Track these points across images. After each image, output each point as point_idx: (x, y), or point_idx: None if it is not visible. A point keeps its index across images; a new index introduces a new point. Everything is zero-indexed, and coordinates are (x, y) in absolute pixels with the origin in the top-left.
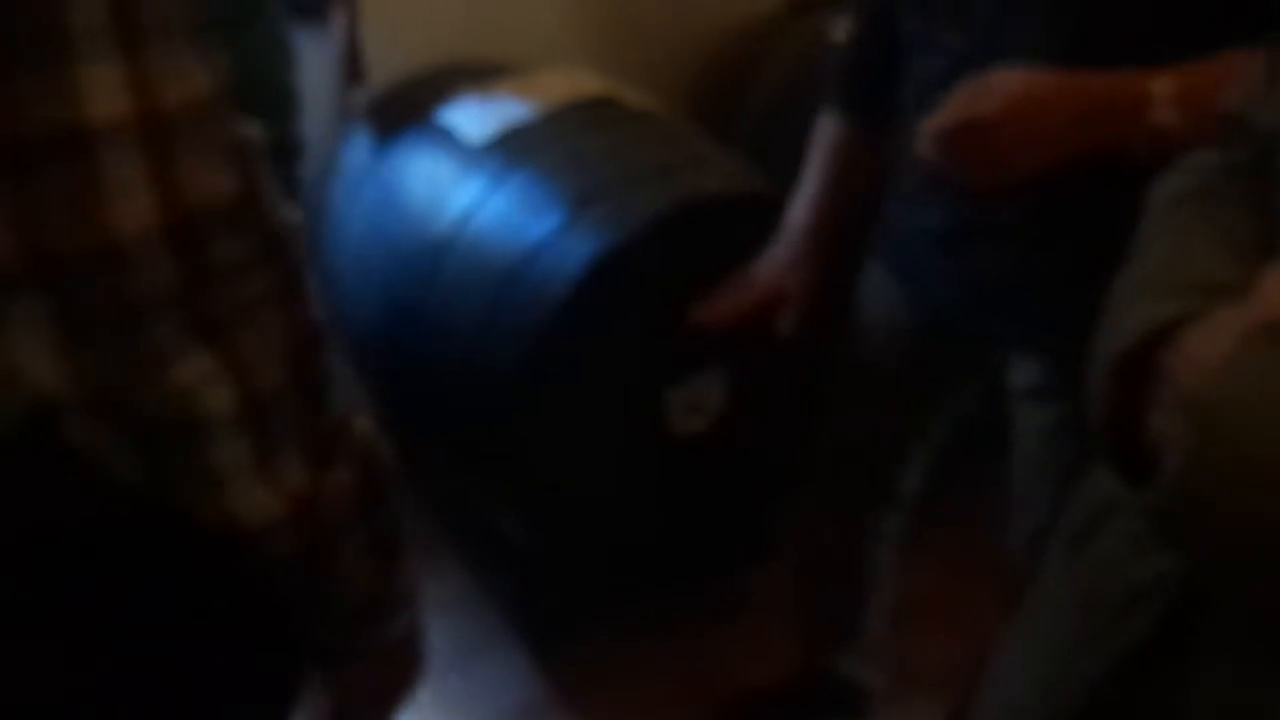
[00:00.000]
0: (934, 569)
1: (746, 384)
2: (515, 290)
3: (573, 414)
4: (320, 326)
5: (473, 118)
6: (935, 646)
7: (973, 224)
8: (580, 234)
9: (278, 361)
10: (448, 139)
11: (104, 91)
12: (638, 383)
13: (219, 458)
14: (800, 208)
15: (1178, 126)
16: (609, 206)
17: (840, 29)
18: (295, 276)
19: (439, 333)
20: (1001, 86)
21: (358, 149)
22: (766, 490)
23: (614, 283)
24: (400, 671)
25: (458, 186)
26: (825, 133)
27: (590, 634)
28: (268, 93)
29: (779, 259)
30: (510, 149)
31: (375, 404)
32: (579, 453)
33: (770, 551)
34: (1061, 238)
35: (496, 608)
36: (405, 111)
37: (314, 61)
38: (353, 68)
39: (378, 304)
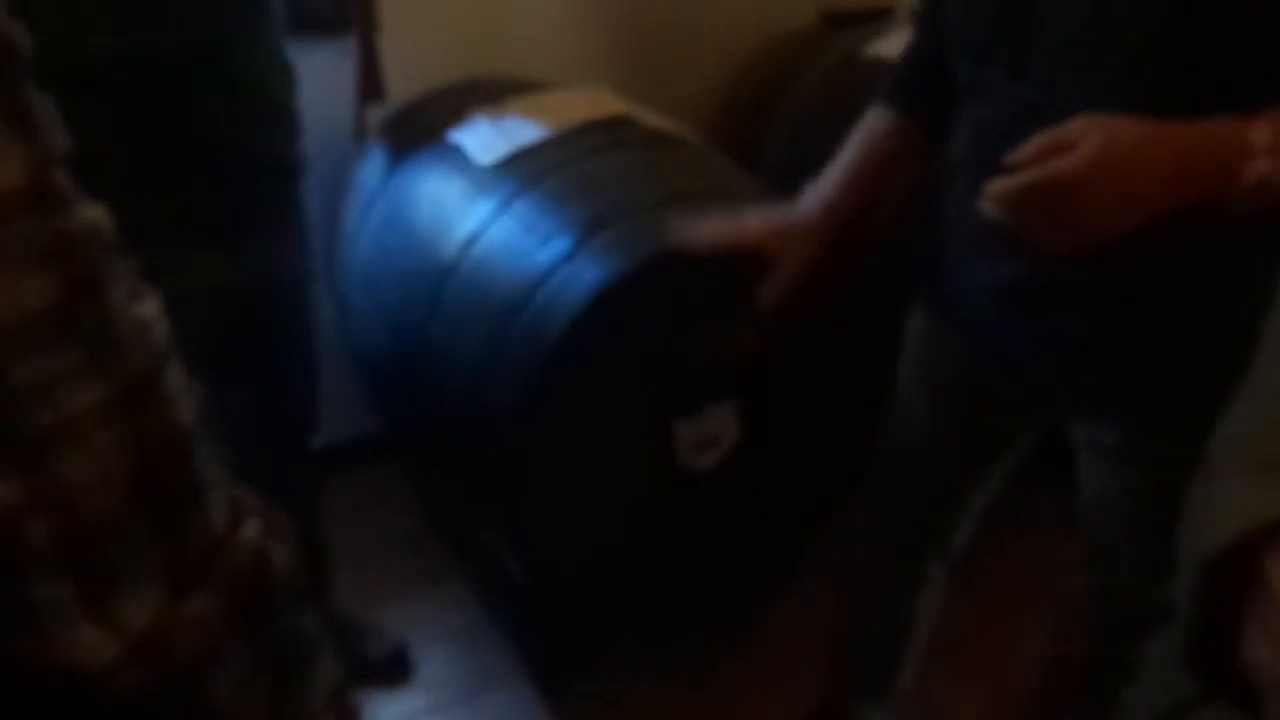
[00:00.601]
0: (969, 608)
1: (760, 415)
2: (518, 319)
3: (577, 449)
4: (183, 434)
5: (483, 138)
6: (963, 688)
7: (1041, 285)
8: (586, 261)
9: (114, 484)
10: (458, 159)
11: None
12: (646, 416)
13: (38, 597)
14: (825, 181)
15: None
16: (617, 233)
17: (876, 45)
18: (143, 383)
19: (442, 360)
20: (1085, 140)
21: (372, 167)
22: (783, 525)
23: (620, 313)
24: None
25: (465, 209)
26: (870, 120)
27: (599, 670)
28: (266, 113)
29: (787, 220)
30: (520, 171)
31: (383, 428)
32: (584, 489)
33: (787, 588)
34: (1137, 296)
35: (506, 640)
36: (419, 130)
37: (333, 77)
38: (371, 85)
39: (383, 328)
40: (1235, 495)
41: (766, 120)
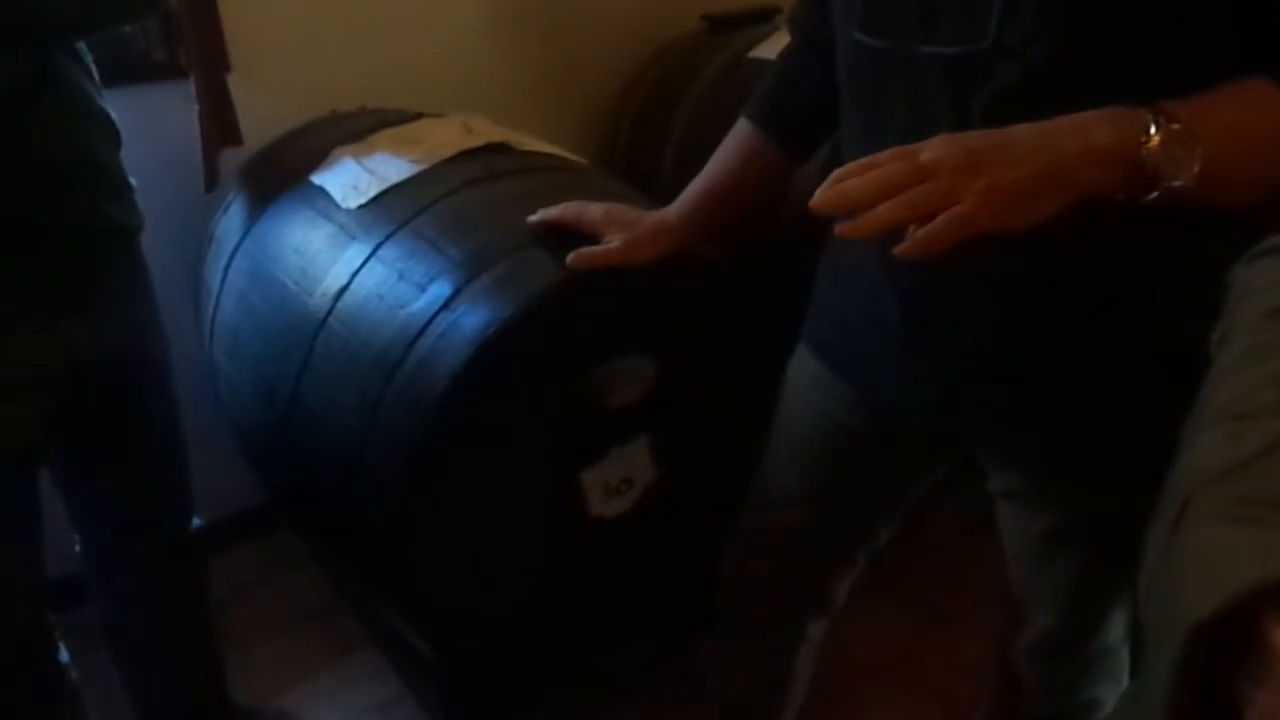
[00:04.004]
0: (909, 619)
1: (675, 448)
2: (396, 376)
3: (473, 514)
4: None
5: (349, 178)
6: (909, 700)
7: (936, 311)
8: (467, 308)
9: None
10: (323, 203)
11: None
12: (548, 469)
13: None
14: (685, 194)
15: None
16: (499, 273)
17: (762, 47)
18: None
19: (318, 425)
20: (931, 143)
21: (232, 219)
22: (707, 558)
23: (508, 361)
24: None
25: (332, 257)
26: (734, 134)
27: None
28: (78, 172)
29: (629, 217)
30: (389, 212)
31: (267, 498)
32: (485, 556)
33: (716, 619)
34: (1035, 327)
35: (429, 713)
36: (279, 174)
37: (183, 123)
38: (225, 129)
39: (254, 393)
40: (1227, 546)
41: (660, 132)
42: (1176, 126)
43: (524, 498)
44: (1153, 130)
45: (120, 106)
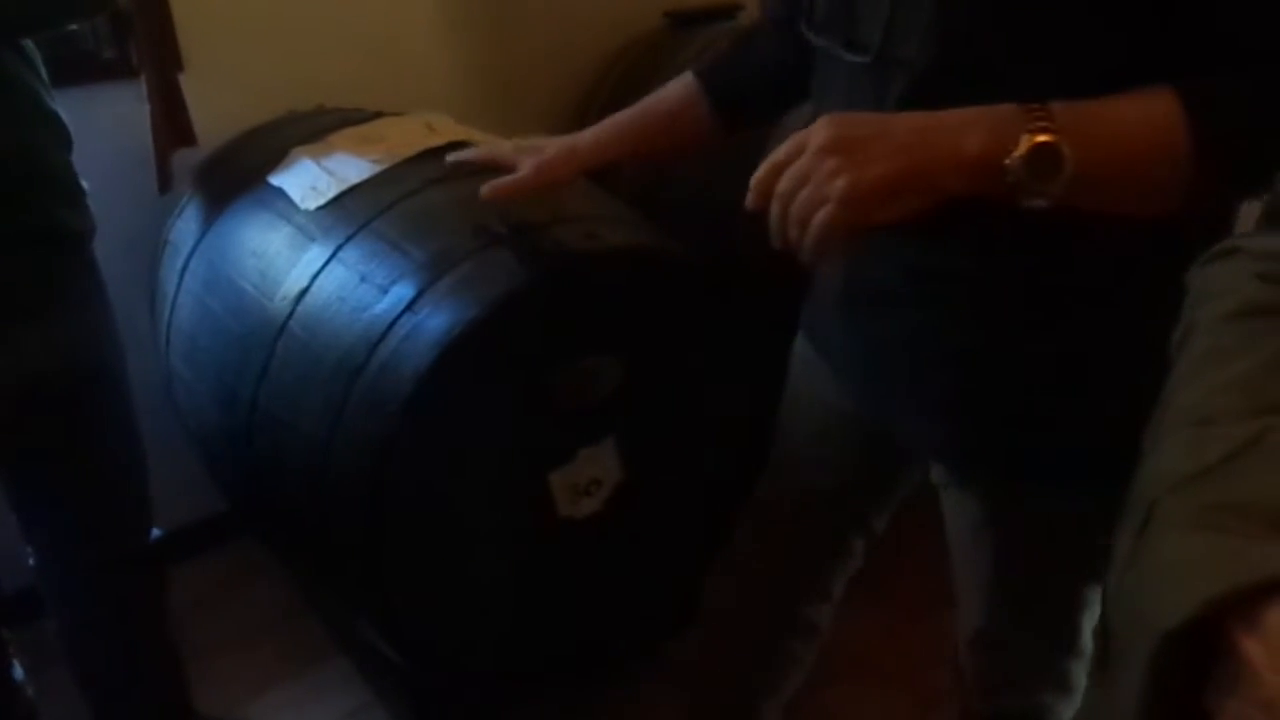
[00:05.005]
0: (889, 611)
1: (642, 448)
2: (359, 380)
3: (440, 518)
4: None
5: (307, 179)
6: (887, 690)
7: (863, 290)
8: (431, 309)
9: None
10: (281, 205)
11: None
12: (514, 471)
13: None
14: (605, 122)
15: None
16: (462, 274)
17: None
18: None
19: (280, 432)
20: (815, 130)
21: (187, 222)
22: (679, 558)
23: (472, 363)
24: None
25: (291, 260)
26: (676, 81)
27: None
28: (26, 175)
29: (537, 145)
30: (350, 213)
31: (229, 506)
32: (453, 560)
33: (690, 619)
34: (947, 318)
35: (406, 715)
36: (235, 175)
37: (135, 124)
38: (178, 130)
39: (212, 400)
40: (1194, 554)
41: None
42: (1051, 140)
43: (492, 500)
44: (1023, 142)
45: (70, 107)
